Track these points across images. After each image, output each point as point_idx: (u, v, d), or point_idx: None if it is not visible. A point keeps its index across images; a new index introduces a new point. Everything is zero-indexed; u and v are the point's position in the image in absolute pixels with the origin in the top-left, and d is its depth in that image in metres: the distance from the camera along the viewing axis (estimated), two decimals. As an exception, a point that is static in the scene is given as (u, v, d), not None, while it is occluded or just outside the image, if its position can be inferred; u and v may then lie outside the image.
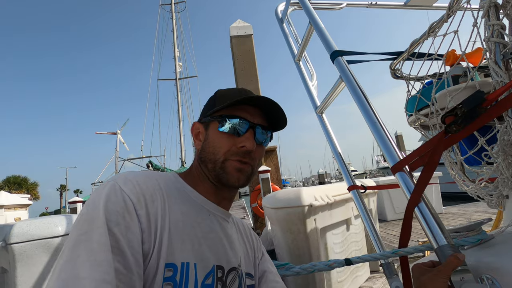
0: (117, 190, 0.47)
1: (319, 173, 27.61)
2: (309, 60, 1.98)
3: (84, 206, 0.47)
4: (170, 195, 0.54)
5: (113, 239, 0.42)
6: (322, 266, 0.84)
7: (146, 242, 0.46)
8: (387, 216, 4.93)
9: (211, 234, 0.57)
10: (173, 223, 0.50)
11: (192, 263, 0.49)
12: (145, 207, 0.48)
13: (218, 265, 0.55)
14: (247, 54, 5.73)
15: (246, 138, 0.58)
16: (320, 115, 1.64)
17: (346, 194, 1.83)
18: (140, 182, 0.51)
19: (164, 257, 0.47)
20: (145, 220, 0.47)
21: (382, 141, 0.88)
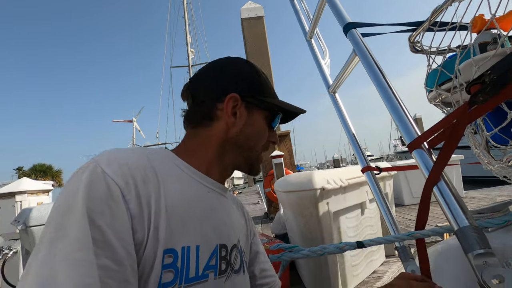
0: (99, 173, 0.40)
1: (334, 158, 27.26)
2: (321, 37, 1.88)
3: (60, 194, 0.41)
4: (164, 173, 0.48)
5: (97, 232, 0.36)
6: (333, 248, 0.80)
7: (139, 230, 0.40)
8: (404, 201, 4.82)
9: (212, 213, 0.53)
10: (170, 204, 0.45)
11: (193, 246, 0.45)
12: (134, 190, 0.41)
13: (221, 244, 0.51)
14: (259, 36, 5.59)
15: (275, 134, 0.63)
16: (333, 95, 1.56)
17: (360, 178, 1.77)
18: (128, 161, 0.44)
19: (163, 244, 0.41)
20: (135, 205, 0.40)
21: (398, 116, 0.81)
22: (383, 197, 1.24)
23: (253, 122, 0.58)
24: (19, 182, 2.84)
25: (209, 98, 0.58)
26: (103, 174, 0.40)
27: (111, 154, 0.45)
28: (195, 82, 0.62)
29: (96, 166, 0.41)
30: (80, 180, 0.40)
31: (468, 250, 0.60)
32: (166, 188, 0.46)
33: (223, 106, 0.56)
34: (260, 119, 0.59)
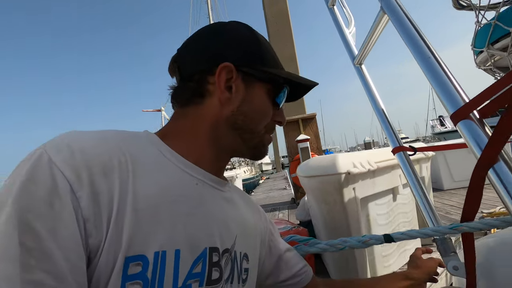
0: (44, 162, 0.32)
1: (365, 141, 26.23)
2: (345, 4, 1.67)
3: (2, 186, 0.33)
4: (141, 161, 0.39)
5: (31, 238, 0.28)
6: (355, 242, 0.67)
7: (93, 234, 0.32)
8: (443, 185, 4.43)
9: (201, 208, 0.43)
10: (143, 199, 0.36)
11: (171, 251, 0.36)
12: (89, 185, 0.33)
13: (212, 247, 0.42)
14: (281, 14, 5.31)
15: (281, 112, 0.54)
16: (359, 67, 1.38)
17: (392, 160, 1.58)
18: (85, 147, 0.35)
19: (125, 249, 0.33)
20: (89, 204, 0.32)
21: (438, 79, 0.65)
22: (419, 181, 1.06)
23: (252, 97, 0.48)
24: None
25: (199, 71, 0.47)
26: (49, 164, 0.32)
27: (65, 138, 0.36)
28: (183, 52, 0.51)
29: (42, 153, 0.33)
30: (21, 170, 0.31)
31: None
32: (139, 179, 0.37)
33: (215, 79, 0.46)
34: (262, 94, 0.49)
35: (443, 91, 0.64)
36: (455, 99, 0.61)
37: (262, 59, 0.49)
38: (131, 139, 0.42)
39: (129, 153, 0.38)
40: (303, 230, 1.78)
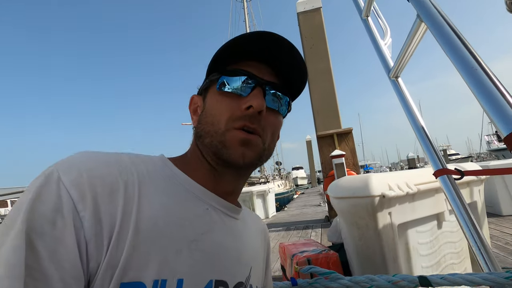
0: (53, 181, 0.33)
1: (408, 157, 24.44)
2: (380, 14, 1.58)
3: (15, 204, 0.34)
4: (147, 182, 0.38)
5: (33, 257, 0.28)
6: (383, 282, 0.58)
7: (94, 258, 0.31)
8: (502, 210, 3.90)
9: (209, 235, 0.40)
10: (146, 221, 0.35)
11: (173, 280, 0.34)
12: (92, 205, 0.33)
13: (218, 280, 0.39)
14: (316, 30, 5.28)
15: (253, 96, 0.43)
16: (395, 80, 1.27)
17: (435, 183, 1.41)
18: (94, 168, 0.35)
19: (120, 274, 0.31)
20: (92, 225, 0.32)
21: (486, 94, 0.55)
22: (467, 210, 0.92)
23: (206, 104, 0.47)
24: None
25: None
26: (58, 183, 0.32)
27: (77, 157, 0.36)
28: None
29: (53, 172, 0.33)
30: (32, 187, 0.32)
31: None
32: (145, 200, 0.36)
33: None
34: (211, 95, 0.46)
35: (494, 108, 0.54)
36: (509, 118, 0.51)
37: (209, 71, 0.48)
38: (142, 162, 0.41)
39: (138, 174, 0.38)
40: (333, 255, 1.65)
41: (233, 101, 0.44)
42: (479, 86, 0.57)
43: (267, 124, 0.45)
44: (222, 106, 0.44)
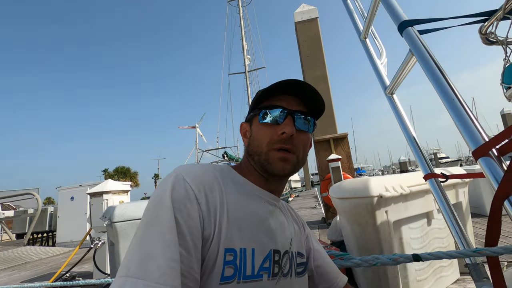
0: (181, 180, 0.51)
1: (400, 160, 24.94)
2: (377, 36, 1.78)
3: (154, 192, 0.53)
4: (226, 185, 0.57)
5: (178, 225, 0.46)
6: (386, 259, 0.77)
7: (207, 228, 0.49)
8: (487, 211, 4.16)
9: (267, 221, 0.58)
10: (231, 211, 0.53)
11: (249, 249, 0.51)
12: (205, 197, 0.51)
13: (275, 250, 0.57)
14: (313, 39, 5.51)
15: (285, 124, 0.60)
16: (390, 96, 1.47)
17: (425, 185, 1.62)
18: (200, 174, 0.54)
19: (224, 243, 0.49)
20: (205, 208, 0.50)
21: (460, 118, 0.75)
22: (451, 208, 1.12)
23: (252, 131, 0.65)
24: (105, 183, 3.35)
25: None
26: (184, 181, 0.52)
27: (188, 168, 0.56)
28: None
29: (178, 175, 0.53)
30: (168, 183, 0.51)
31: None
32: (228, 198, 0.55)
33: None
34: (256, 124, 0.64)
35: (466, 130, 0.74)
36: (476, 138, 0.71)
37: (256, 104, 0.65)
38: (220, 170, 0.61)
39: (220, 179, 0.57)
40: (336, 250, 1.84)
41: (272, 128, 0.61)
42: (456, 112, 0.77)
43: (298, 142, 0.61)
44: (264, 133, 0.61)
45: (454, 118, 0.78)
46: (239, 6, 23.11)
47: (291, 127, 0.59)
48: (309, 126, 0.64)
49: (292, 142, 0.60)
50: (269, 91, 0.62)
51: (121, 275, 0.42)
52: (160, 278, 0.41)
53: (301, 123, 0.62)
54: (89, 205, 3.55)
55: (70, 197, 7.16)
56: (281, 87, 0.62)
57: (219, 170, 0.60)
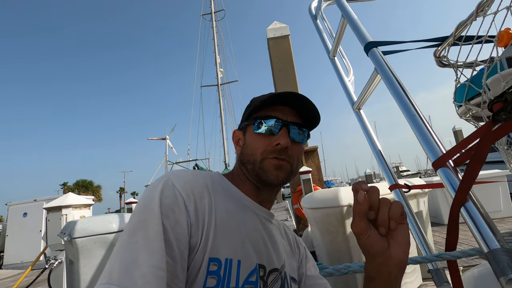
0: (170, 185, 0.50)
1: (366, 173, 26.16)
2: (345, 55, 1.90)
3: (141, 197, 0.50)
4: (216, 193, 0.55)
5: (165, 231, 0.44)
6: (357, 267, 0.79)
7: (194, 236, 0.47)
8: (444, 219, 4.48)
9: (255, 233, 0.57)
10: (219, 220, 0.51)
11: (235, 260, 0.50)
12: (194, 203, 0.50)
13: (260, 264, 0.54)
14: (285, 55, 5.71)
15: (280, 135, 0.60)
16: (358, 111, 1.56)
17: (390, 194, 1.71)
18: (190, 180, 0.53)
19: (209, 252, 0.47)
20: (193, 215, 0.49)
21: (421, 133, 0.81)
22: (413, 216, 1.19)
23: (246, 140, 0.64)
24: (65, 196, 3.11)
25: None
26: (173, 187, 0.50)
27: (179, 173, 0.55)
28: None
29: (168, 180, 0.51)
30: (157, 188, 0.50)
31: (500, 274, 0.57)
32: (217, 206, 0.53)
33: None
34: (250, 134, 0.64)
35: (426, 143, 0.80)
36: (435, 150, 0.77)
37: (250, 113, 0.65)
38: (211, 177, 0.59)
39: (211, 186, 0.56)
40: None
41: (266, 139, 0.60)
42: (417, 127, 0.84)
43: (293, 153, 0.60)
44: (259, 143, 0.60)
45: (416, 132, 0.84)
46: (212, 20, 23.39)
47: (286, 138, 0.59)
48: (303, 137, 0.64)
49: (287, 153, 0.59)
50: (264, 101, 0.61)
51: (102, 282, 0.39)
52: (144, 286, 0.39)
53: (296, 134, 0.62)
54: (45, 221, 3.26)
55: (23, 213, 6.53)
56: (277, 98, 0.61)
57: (210, 178, 0.59)
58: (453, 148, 0.74)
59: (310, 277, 0.69)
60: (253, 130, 0.62)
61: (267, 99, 0.61)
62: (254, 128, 0.62)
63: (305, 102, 0.63)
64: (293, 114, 0.64)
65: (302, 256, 0.72)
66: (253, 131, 0.62)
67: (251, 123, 0.63)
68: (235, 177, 0.65)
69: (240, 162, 0.64)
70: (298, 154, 0.63)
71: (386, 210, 0.48)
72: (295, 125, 0.62)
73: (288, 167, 0.60)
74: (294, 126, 0.62)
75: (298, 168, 0.64)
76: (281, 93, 0.61)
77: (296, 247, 0.72)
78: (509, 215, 4.30)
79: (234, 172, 0.66)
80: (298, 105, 0.63)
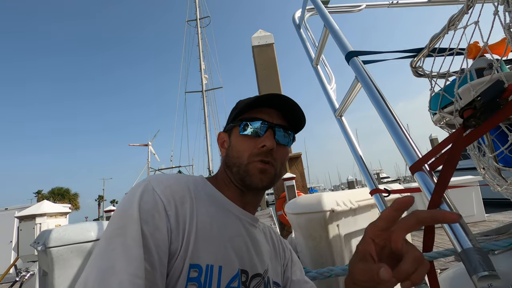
0: (150, 190, 0.49)
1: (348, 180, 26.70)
2: (327, 64, 1.96)
3: (120, 203, 0.49)
4: (198, 197, 0.55)
5: (144, 238, 0.43)
6: (340, 270, 0.81)
7: (174, 242, 0.47)
8: (422, 224, 4.63)
9: (237, 238, 0.56)
10: (200, 225, 0.51)
11: (216, 266, 0.49)
12: (174, 208, 0.49)
13: (242, 269, 0.54)
14: (269, 62, 5.79)
15: (266, 137, 0.60)
16: (340, 118, 1.61)
17: (371, 200, 1.76)
18: (171, 184, 0.52)
19: (190, 258, 0.47)
20: (174, 221, 0.48)
21: (399, 138, 0.85)
22: (393, 219, 1.23)
23: (231, 142, 0.64)
24: (39, 204, 2.96)
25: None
26: (153, 191, 0.49)
27: (159, 177, 0.53)
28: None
29: (148, 184, 0.50)
30: (136, 192, 0.48)
31: (472, 272, 0.60)
32: (199, 211, 0.52)
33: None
34: (236, 136, 0.63)
35: (404, 148, 0.84)
36: (412, 155, 0.81)
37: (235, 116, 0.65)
38: (194, 181, 0.58)
39: (193, 191, 0.55)
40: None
41: (252, 141, 0.60)
42: (395, 133, 0.87)
43: (277, 156, 0.61)
44: (244, 145, 0.60)
45: (394, 137, 0.88)
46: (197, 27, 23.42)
47: (271, 140, 0.59)
48: (288, 140, 0.64)
49: (272, 155, 0.59)
50: (250, 103, 0.61)
51: None
52: None
53: (281, 136, 0.62)
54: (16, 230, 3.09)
55: (-9, 223, 6.15)
56: (263, 100, 0.62)
57: (193, 181, 0.58)
58: (428, 153, 0.78)
59: (295, 281, 0.69)
60: (238, 132, 0.62)
61: (253, 101, 0.61)
62: (239, 130, 0.62)
63: (291, 105, 0.63)
64: (279, 116, 0.64)
65: (288, 260, 0.72)
66: (239, 133, 0.62)
67: (236, 125, 0.63)
68: (219, 180, 0.64)
69: (225, 165, 0.63)
70: (283, 156, 0.63)
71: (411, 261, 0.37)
72: (281, 127, 0.63)
73: (272, 171, 0.60)
74: (280, 128, 0.62)
75: (282, 171, 0.64)
76: (267, 95, 0.61)
77: (282, 251, 0.72)
78: (482, 219, 4.51)
79: (218, 175, 0.66)
80: (284, 107, 0.64)
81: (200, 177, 0.62)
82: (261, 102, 0.62)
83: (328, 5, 1.82)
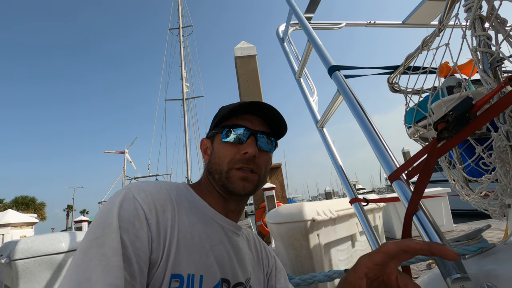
0: (130, 198, 0.48)
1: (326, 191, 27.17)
2: (309, 77, 2.03)
3: (99, 211, 0.47)
4: (180, 205, 0.54)
5: (124, 247, 0.42)
6: (322, 277, 0.82)
7: (155, 251, 0.46)
8: (396, 234, 4.79)
9: (219, 247, 0.56)
10: (182, 233, 0.50)
11: (198, 275, 0.49)
12: (155, 217, 0.48)
13: (223, 278, 0.54)
14: (251, 73, 5.87)
15: (248, 144, 0.60)
16: (321, 129, 1.66)
17: (350, 209, 1.81)
18: (152, 192, 0.51)
19: (171, 267, 0.46)
20: (155, 230, 0.47)
21: (378, 149, 0.89)
22: (372, 228, 1.27)
23: (214, 148, 0.64)
24: (3, 214, 2.75)
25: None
26: (134, 199, 0.48)
27: (140, 185, 0.52)
28: None
29: (128, 192, 0.49)
30: (116, 200, 0.47)
31: (446, 275, 0.64)
32: (180, 219, 0.52)
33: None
34: (218, 142, 0.63)
35: (382, 158, 0.88)
36: (391, 165, 0.85)
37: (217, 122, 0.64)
38: (176, 188, 0.57)
39: (175, 198, 0.54)
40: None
41: (234, 147, 0.60)
42: (375, 144, 0.92)
43: (260, 162, 0.61)
44: (226, 151, 0.60)
45: (374, 148, 0.93)
46: (180, 35, 23.36)
47: (253, 147, 0.59)
48: (271, 146, 0.64)
49: (254, 162, 0.59)
50: (232, 109, 0.61)
51: None
52: None
53: (264, 143, 0.62)
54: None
55: None
56: (245, 107, 0.62)
57: (175, 189, 0.57)
58: (405, 163, 0.83)
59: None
60: (221, 139, 0.62)
61: (236, 108, 0.62)
62: (222, 137, 0.62)
63: (273, 112, 0.64)
64: (261, 123, 0.65)
65: (271, 267, 0.72)
66: (221, 140, 0.62)
67: (219, 131, 0.63)
68: (202, 187, 0.64)
69: (208, 172, 0.63)
70: (266, 162, 0.64)
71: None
72: (263, 134, 0.63)
73: (255, 178, 0.60)
74: (262, 135, 0.63)
75: (265, 178, 0.65)
76: (250, 102, 0.62)
77: (266, 258, 0.71)
78: (450, 229, 4.74)
79: (201, 182, 0.65)
80: (265, 114, 0.65)
81: (183, 184, 0.62)
82: (243, 108, 0.62)
83: (311, 21, 1.90)
